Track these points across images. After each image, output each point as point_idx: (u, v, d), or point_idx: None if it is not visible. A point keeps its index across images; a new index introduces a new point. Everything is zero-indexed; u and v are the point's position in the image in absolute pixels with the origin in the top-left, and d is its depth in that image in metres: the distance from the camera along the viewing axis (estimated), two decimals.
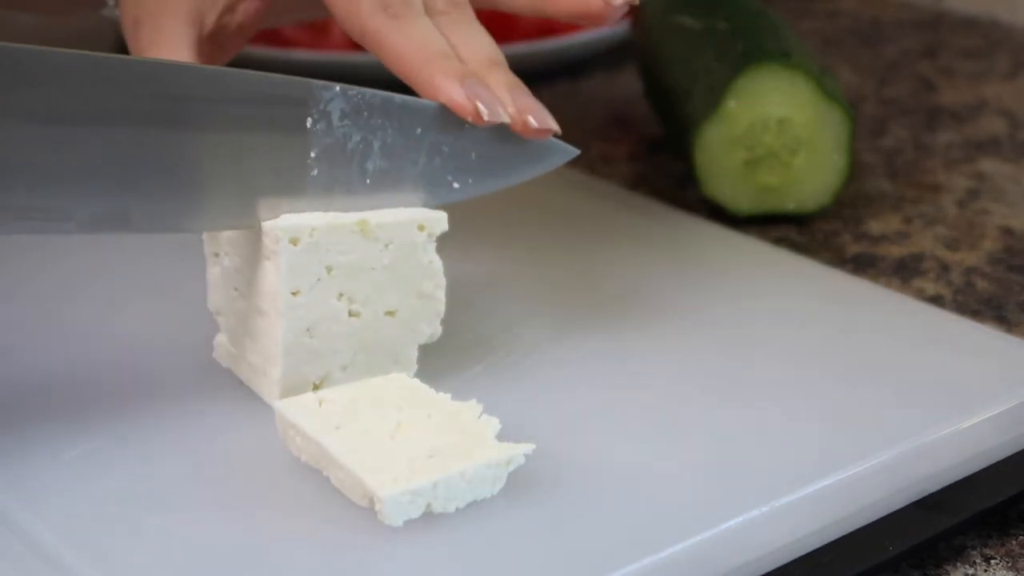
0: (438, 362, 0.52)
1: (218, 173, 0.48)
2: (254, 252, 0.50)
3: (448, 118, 0.50)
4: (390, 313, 0.51)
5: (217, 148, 0.48)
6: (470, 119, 0.50)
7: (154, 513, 0.45)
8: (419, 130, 0.50)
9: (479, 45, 0.52)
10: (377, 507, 0.43)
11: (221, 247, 0.52)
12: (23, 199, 0.45)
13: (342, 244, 0.49)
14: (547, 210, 0.67)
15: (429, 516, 0.43)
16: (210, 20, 0.55)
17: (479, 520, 0.44)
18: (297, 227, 0.48)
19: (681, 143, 0.74)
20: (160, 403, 0.50)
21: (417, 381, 0.49)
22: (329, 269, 0.49)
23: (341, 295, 0.50)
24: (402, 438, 0.45)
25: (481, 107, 0.50)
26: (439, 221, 0.51)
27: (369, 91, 0.50)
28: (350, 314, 0.50)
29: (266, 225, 0.49)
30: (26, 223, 0.46)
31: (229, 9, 0.56)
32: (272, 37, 0.92)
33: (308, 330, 0.49)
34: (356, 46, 0.55)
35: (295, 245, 0.48)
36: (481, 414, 0.47)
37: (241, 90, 0.48)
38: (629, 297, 0.59)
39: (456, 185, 0.51)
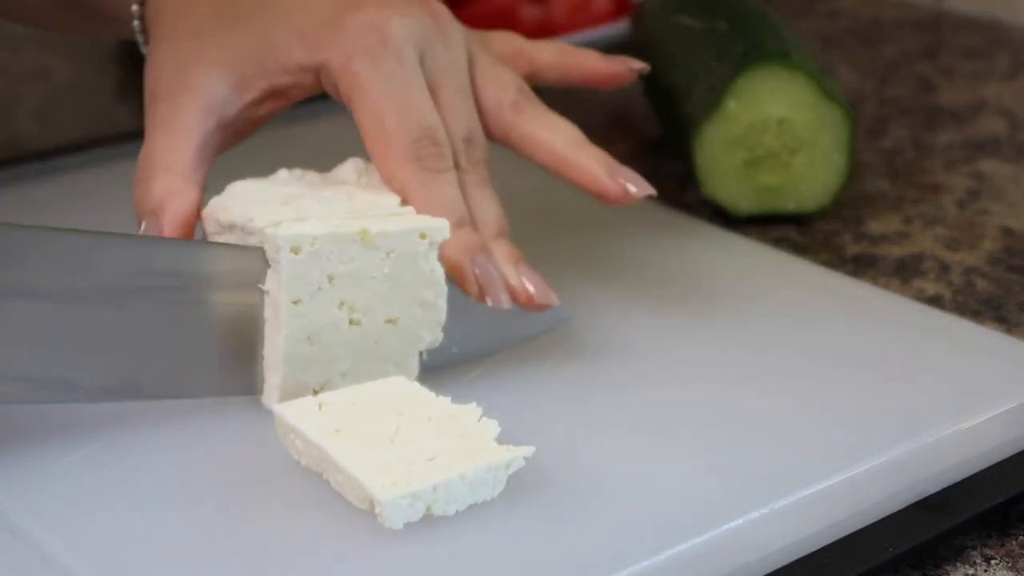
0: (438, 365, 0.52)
1: (217, 343, 0.49)
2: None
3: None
4: (391, 321, 0.51)
5: (212, 319, 0.49)
6: (472, 295, 0.52)
7: (154, 516, 0.45)
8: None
9: (490, 213, 0.54)
10: (377, 510, 0.43)
11: None
12: (33, 371, 0.47)
13: (343, 253, 0.49)
14: (547, 211, 0.67)
15: (429, 519, 0.43)
16: (230, 112, 0.55)
17: (479, 523, 0.44)
18: (298, 236, 0.48)
19: (681, 143, 0.74)
20: (160, 406, 0.50)
21: (417, 384, 0.49)
22: (330, 278, 0.49)
23: (342, 304, 0.50)
24: (402, 441, 0.45)
25: (487, 288, 0.52)
26: (440, 230, 0.51)
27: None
28: (351, 323, 0.50)
29: (268, 233, 0.49)
30: (38, 394, 0.47)
31: (255, 104, 0.55)
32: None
33: (309, 338, 0.49)
34: None
35: (296, 254, 0.48)
36: (481, 417, 0.47)
37: (223, 264, 0.49)
38: (628, 298, 0.59)
39: (455, 351, 0.53)
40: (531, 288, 0.53)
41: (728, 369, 0.53)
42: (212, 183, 0.53)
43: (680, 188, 0.77)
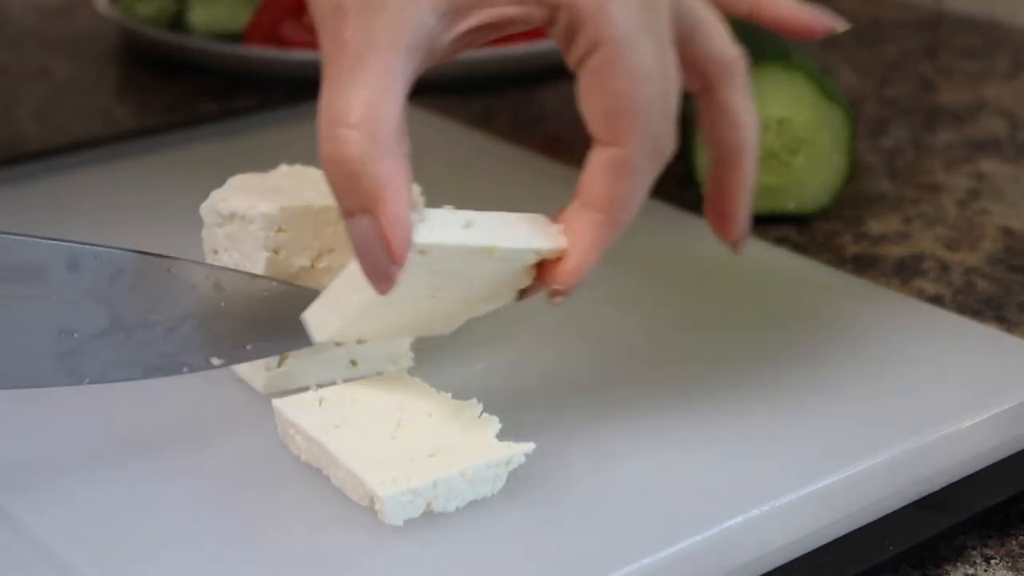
0: (439, 361, 0.52)
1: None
2: (252, 247, 0.50)
3: None
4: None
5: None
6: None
7: (154, 513, 0.45)
8: None
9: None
10: (377, 506, 0.43)
11: (220, 243, 0.52)
12: None
13: (462, 260, 0.46)
14: (546, 210, 0.66)
15: (429, 515, 0.43)
16: (437, 48, 0.44)
17: (479, 519, 0.44)
18: (427, 245, 0.46)
19: (681, 143, 0.74)
20: (160, 402, 0.50)
21: (418, 380, 0.49)
22: (435, 272, 0.49)
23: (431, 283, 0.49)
24: (402, 437, 0.45)
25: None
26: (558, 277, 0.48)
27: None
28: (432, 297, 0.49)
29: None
30: None
31: (465, 37, 0.45)
32: (272, 37, 0.92)
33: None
34: None
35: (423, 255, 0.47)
36: (481, 413, 0.47)
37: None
38: (628, 298, 0.59)
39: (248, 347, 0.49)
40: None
41: (728, 367, 0.53)
42: (212, 181, 0.53)
43: (680, 188, 0.77)
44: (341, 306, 0.47)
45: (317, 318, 0.48)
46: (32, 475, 0.46)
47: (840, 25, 0.54)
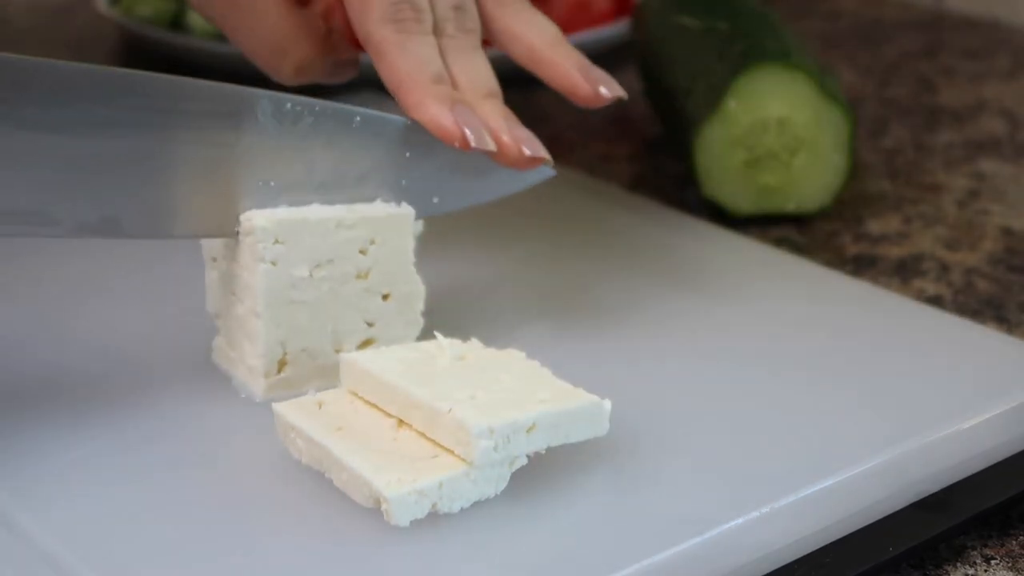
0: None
1: (193, 179, 0.49)
2: (250, 258, 0.50)
3: (415, 138, 0.52)
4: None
5: (191, 155, 0.49)
6: (456, 144, 0.51)
7: (154, 515, 0.45)
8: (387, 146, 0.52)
9: (478, 74, 0.54)
10: (383, 507, 0.43)
11: (218, 251, 0.52)
12: (10, 203, 0.46)
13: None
14: (547, 211, 0.67)
15: (433, 516, 0.43)
16: None
17: (483, 519, 0.44)
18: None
19: (681, 143, 0.74)
20: (160, 405, 0.50)
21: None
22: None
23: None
24: (403, 439, 0.45)
25: (468, 133, 0.51)
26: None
27: (330, 105, 0.51)
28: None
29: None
30: (15, 226, 0.47)
31: None
32: None
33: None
34: (359, 46, 0.55)
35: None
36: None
37: (205, 99, 0.49)
38: (628, 298, 0.59)
39: (436, 200, 0.53)
40: (524, 146, 0.52)
41: (727, 369, 0.53)
42: None
43: (680, 188, 0.77)
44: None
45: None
46: (32, 478, 0.46)
47: (618, 94, 0.55)
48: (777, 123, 0.70)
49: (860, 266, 0.68)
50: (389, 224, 0.51)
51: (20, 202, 0.46)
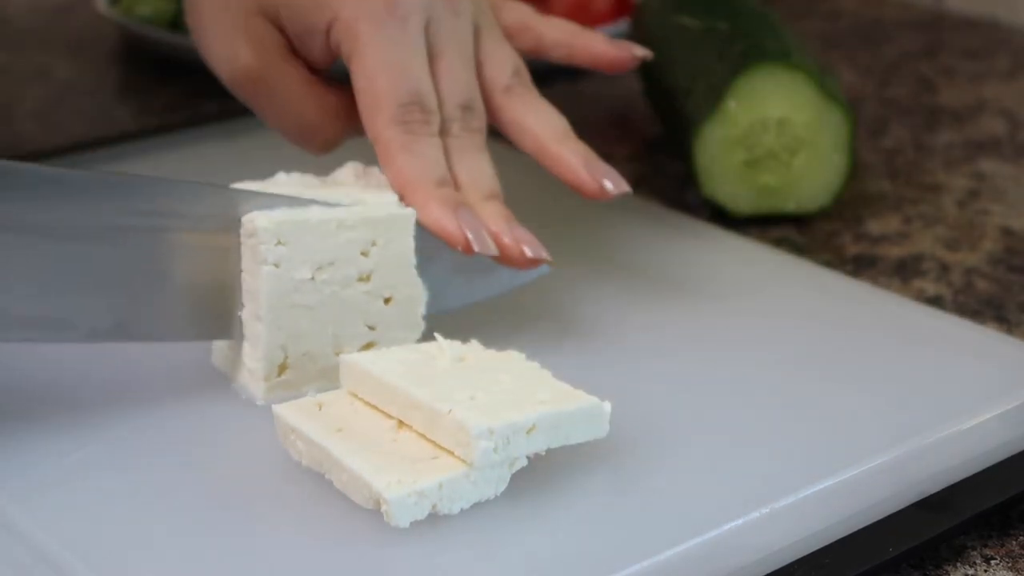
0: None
1: (199, 282, 0.50)
2: (252, 260, 0.50)
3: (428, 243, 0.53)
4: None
5: (196, 259, 0.50)
6: (460, 248, 0.52)
7: (154, 517, 0.45)
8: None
9: (481, 175, 0.55)
10: (383, 508, 0.43)
11: None
12: (26, 310, 0.47)
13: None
14: (547, 211, 0.67)
15: (433, 517, 0.43)
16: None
17: (482, 521, 0.44)
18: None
19: (681, 143, 0.74)
20: (159, 408, 0.50)
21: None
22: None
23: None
24: (403, 440, 0.45)
25: (471, 237, 0.52)
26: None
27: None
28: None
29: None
30: (30, 332, 0.47)
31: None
32: None
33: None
34: None
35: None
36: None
37: (206, 203, 0.50)
38: (628, 299, 0.59)
39: (441, 299, 0.54)
40: (525, 247, 0.53)
41: (727, 370, 0.53)
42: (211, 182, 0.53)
43: (680, 188, 0.77)
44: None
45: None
46: (32, 479, 0.46)
47: (644, 52, 0.61)
48: (777, 123, 0.70)
49: (860, 266, 0.68)
50: (390, 224, 0.51)
51: (34, 310, 0.47)
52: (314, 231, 0.50)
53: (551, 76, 0.94)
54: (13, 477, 0.46)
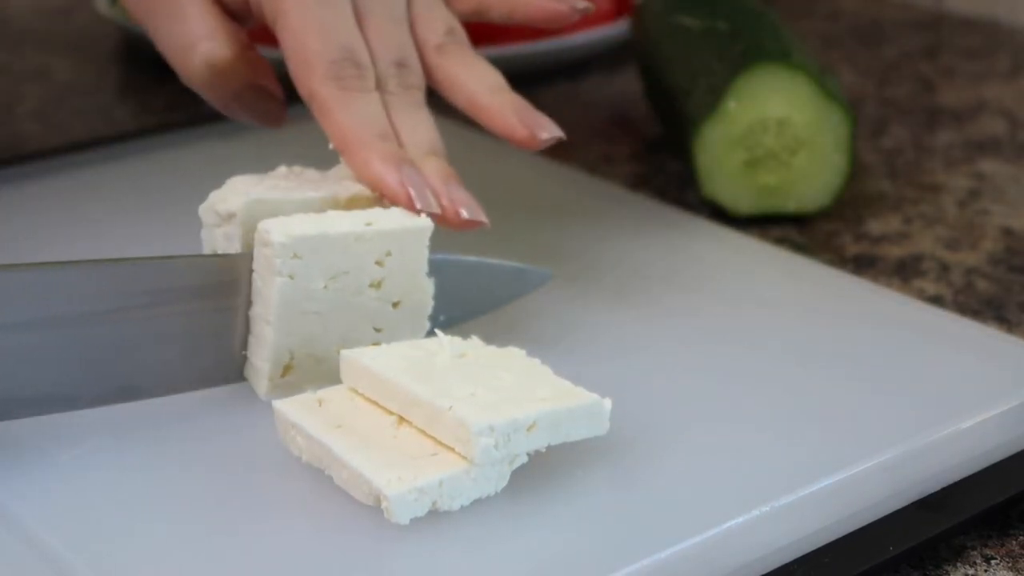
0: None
1: (199, 343, 0.50)
2: (267, 271, 0.49)
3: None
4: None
5: (195, 323, 0.50)
6: (402, 205, 0.51)
7: (154, 513, 0.45)
8: None
9: (422, 132, 0.54)
10: (384, 505, 0.43)
11: (219, 244, 0.52)
12: (32, 392, 0.47)
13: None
14: (548, 210, 0.67)
15: (433, 514, 0.43)
16: None
17: (482, 517, 0.44)
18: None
19: (681, 143, 0.74)
20: (160, 403, 0.50)
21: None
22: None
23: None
24: (404, 436, 0.45)
25: (414, 194, 0.51)
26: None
27: None
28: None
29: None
30: (36, 408, 0.48)
31: None
32: (272, 38, 0.92)
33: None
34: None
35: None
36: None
37: (199, 273, 0.50)
38: (629, 298, 0.59)
39: (442, 318, 0.53)
40: (462, 208, 0.52)
41: (727, 368, 0.53)
42: (212, 181, 0.53)
43: (680, 188, 0.77)
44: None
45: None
46: (31, 475, 0.46)
47: (584, 5, 0.58)
48: (777, 123, 0.70)
49: (860, 266, 0.68)
50: (406, 236, 0.51)
51: (40, 391, 0.47)
52: (332, 245, 0.50)
53: (551, 76, 0.94)
54: (11, 472, 0.46)
